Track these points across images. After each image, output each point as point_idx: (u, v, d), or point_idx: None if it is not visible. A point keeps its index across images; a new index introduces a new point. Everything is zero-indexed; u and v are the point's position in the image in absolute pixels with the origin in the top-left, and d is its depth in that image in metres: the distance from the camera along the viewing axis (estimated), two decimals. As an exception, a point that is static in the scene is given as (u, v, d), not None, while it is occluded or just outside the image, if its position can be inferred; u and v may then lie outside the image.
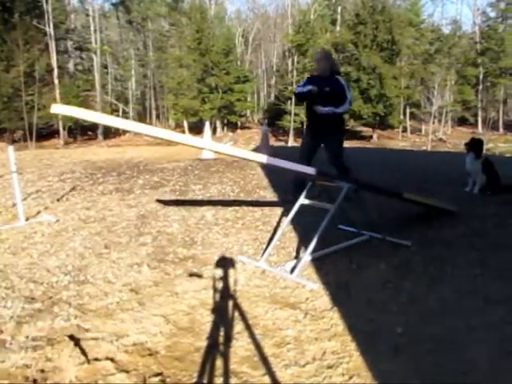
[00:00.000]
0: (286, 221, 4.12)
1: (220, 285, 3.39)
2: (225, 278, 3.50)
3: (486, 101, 44.74)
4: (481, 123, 43.67)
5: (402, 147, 30.83)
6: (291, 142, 37.12)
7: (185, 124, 39.11)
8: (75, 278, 3.50)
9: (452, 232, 4.40)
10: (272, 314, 2.91)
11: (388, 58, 38.48)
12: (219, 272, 3.60)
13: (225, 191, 6.35)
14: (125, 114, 41.03)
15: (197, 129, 35.50)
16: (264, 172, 7.37)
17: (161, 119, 45.32)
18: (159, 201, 5.77)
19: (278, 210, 5.18)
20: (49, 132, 36.25)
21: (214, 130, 37.48)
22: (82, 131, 37.81)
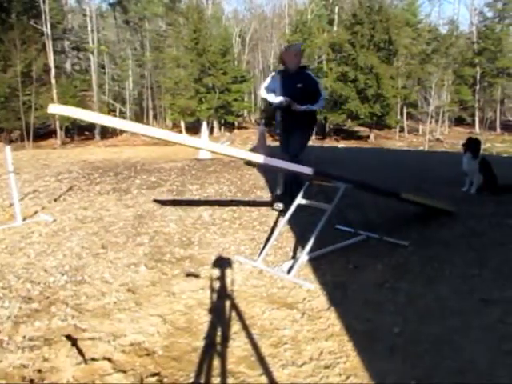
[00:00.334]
0: (283, 221, 4.12)
1: (217, 285, 3.38)
2: (222, 278, 3.50)
3: (483, 101, 44.78)
4: (478, 123, 43.73)
5: (399, 147, 30.89)
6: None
7: (182, 124, 39.09)
8: (72, 278, 3.49)
9: (449, 232, 4.40)
10: (269, 314, 2.91)
11: (385, 58, 38.45)
12: (216, 272, 3.60)
13: (222, 191, 6.35)
14: (122, 114, 40.99)
15: (194, 129, 35.43)
16: (261, 172, 7.37)
17: (158, 119, 45.21)
18: (156, 201, 5.76)
19: (275, 210, 5.18)
20: (46, 132, 36.19)
21: (211, 130, 37.45)
22: (79, 131, 37.73)
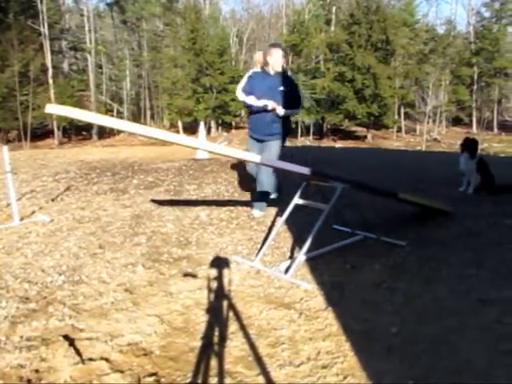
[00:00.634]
0: (281, 221, 4.12)
1: (214, 285, 3.38)
2: (219, 278, 3.50)
3: (481, 101, 44.92)
4: (475, 123, 43.86)
5: (397, 147, 30.89)
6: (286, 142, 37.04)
7: (179, 124, 39.03)
8: (70, 278, 3.49)
9: (447, 232, 4.41)
10: (266, 314, 2.92)
11: (382, 58, 38.52)
12: (214, 272, 3.60)
13: (219, 191, 6.35)
14: (119, 114, 40.97)
15: (191, 129, 35.47)
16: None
17: (155, 119, 45.18)
18: (154, 201, 5.76)
19: (273, 210, 5.17)
20: (43, 132, 36.15)
21: (209, 130, 37.44)
22: (77, 131, 37.72)
